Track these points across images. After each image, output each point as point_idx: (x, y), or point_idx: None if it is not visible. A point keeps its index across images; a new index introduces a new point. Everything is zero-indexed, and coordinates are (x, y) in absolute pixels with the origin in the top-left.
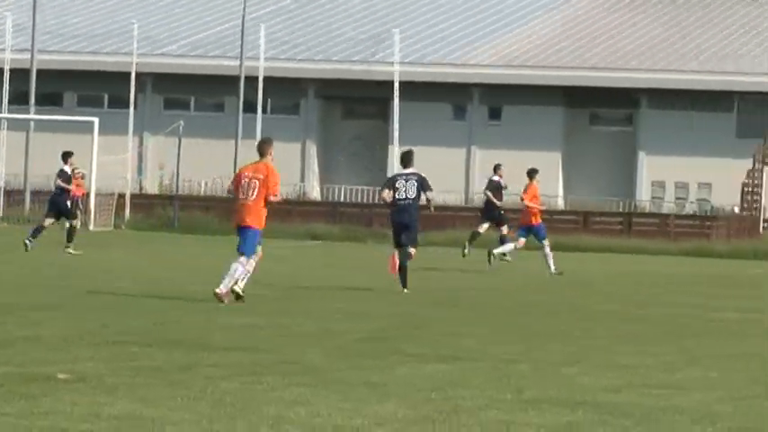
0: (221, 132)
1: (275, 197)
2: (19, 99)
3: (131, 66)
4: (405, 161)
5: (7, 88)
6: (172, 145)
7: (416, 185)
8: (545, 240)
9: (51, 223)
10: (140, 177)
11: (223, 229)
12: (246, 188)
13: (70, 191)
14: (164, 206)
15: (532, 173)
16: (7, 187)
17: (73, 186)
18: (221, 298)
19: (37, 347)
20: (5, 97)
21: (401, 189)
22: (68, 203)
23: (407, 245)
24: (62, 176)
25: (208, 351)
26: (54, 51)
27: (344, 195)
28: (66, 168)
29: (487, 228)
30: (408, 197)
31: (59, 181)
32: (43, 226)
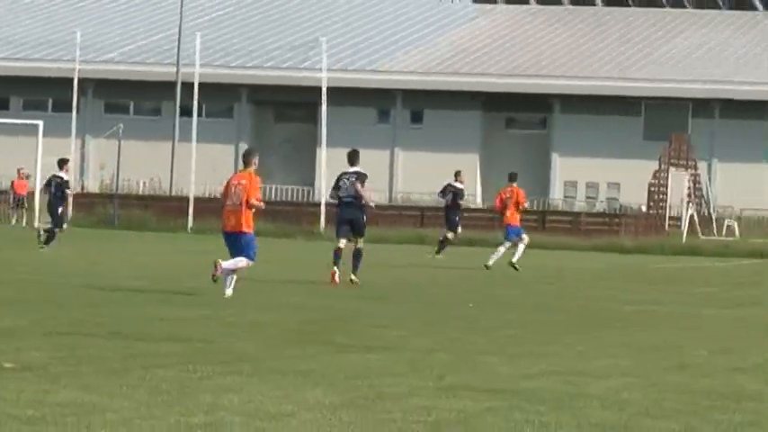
0: (159, 135)
1: (255, 201)
2: None
3: (74, 72)
4: (350, 160)
5: None
6: (112, 147)
7: (356, 183)
8: (508, 242)
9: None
10: (82, 178)
11: (161, 227)
12: (233, 195)
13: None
14: (104, 205)
15: (515, 176)
16: None
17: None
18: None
19: None
20: None
21: (343, 187)
22: (60, 209)
23: (356, 239)
24: (65, 184)
25: (146, 341)
26: (1, 58)
27: (276, 194)
28: (62, 174)
29: (454, 236)
30: (350, 194)
31: (66, 190)
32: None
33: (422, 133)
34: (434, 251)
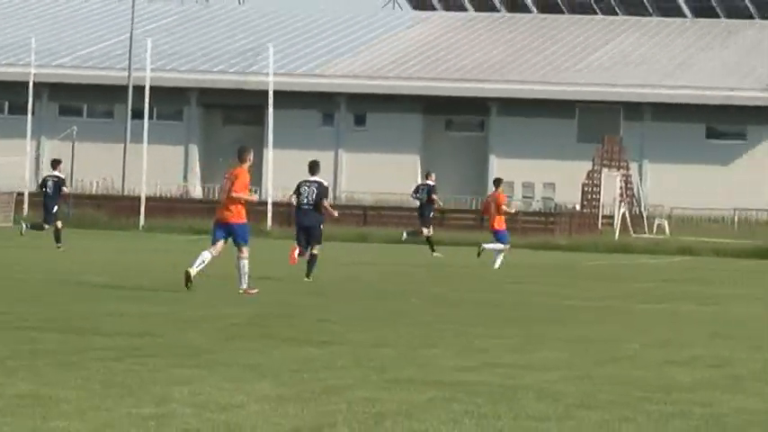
0: (111, 137)
1: (238, 192)
2: None
3: (29, 76)
4: (311, 169)
5: None
6: (66, 148)
7: (316, 192)
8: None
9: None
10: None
11: (112, 225)
12: (224, 188)
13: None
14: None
15: (498, 182)
16: None
17: None
18: (248, 292)
19: None
20: None
21: (303, 194)
22: (54, 208)
23: (311, 245)
24: (62, 182)
25: (99, 336)
26: None
27: None
28: (59, 174)
29: (428, 232)
30: (309, 202)
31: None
32: (58, 228)
33: (365, 135)
34: (431, 252)
